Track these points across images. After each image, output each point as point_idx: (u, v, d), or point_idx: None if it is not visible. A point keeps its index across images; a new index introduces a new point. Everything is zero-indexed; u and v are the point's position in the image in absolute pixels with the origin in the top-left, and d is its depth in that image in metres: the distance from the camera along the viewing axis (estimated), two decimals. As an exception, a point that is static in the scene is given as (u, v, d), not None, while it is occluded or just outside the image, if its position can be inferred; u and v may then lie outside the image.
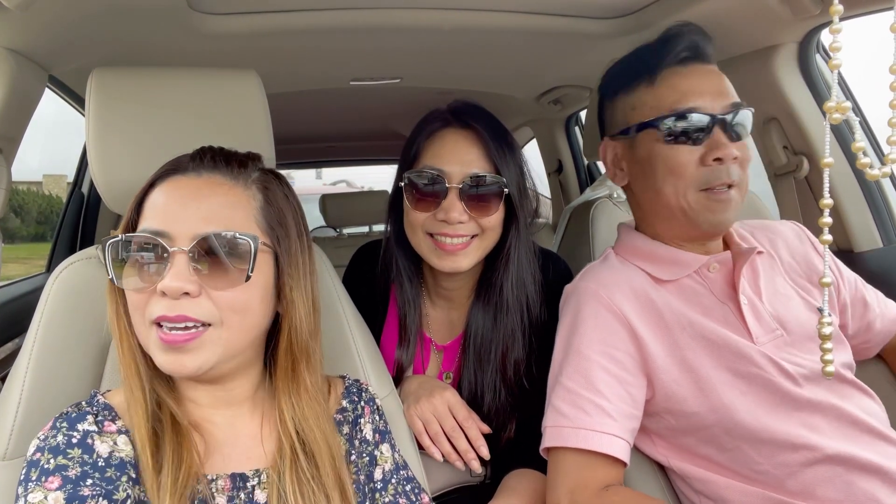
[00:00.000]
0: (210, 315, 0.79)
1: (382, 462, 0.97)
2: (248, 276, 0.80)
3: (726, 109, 1.06)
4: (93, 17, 1.23)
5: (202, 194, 0.82)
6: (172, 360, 0.78)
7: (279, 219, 0.86)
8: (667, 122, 1.08)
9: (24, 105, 1.30)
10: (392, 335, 1.35)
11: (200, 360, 0.79)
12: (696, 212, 1.08)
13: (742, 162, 1.07)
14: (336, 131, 3.54)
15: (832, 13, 0.53)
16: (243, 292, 0.81)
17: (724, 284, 1.12)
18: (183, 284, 0.76)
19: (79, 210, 2.47)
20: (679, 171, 1.08)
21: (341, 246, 3.26)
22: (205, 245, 0.78)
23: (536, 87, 2.38)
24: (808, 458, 0.97)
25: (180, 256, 0.77)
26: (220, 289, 0.79)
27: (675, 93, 1.08)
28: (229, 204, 0.82)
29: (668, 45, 1.11)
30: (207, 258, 0.78)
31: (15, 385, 0.93)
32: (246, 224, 0.82)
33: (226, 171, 0.85)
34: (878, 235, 1.60)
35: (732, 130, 1.06)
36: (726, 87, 1.09)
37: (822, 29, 1.49)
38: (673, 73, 1.10)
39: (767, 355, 1.03)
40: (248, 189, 0.85)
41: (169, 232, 0.78)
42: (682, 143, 1.07)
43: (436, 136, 1.23)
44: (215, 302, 0.79)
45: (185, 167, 0.85)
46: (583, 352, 1.07)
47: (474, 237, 1.20)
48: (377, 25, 1.49)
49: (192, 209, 0.80)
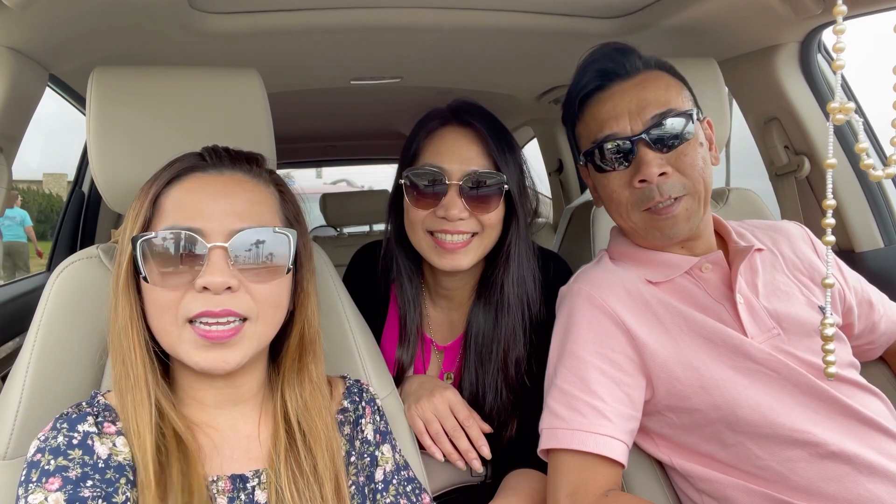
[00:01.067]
0: (249, 309, 0.80)
1: (383, 463, 0.97)
2: (290, 268, 0.84)
3: (647, 124, 1.05)
4: (93, 16, 1.23)
5: (230, 191, 0.83)
6: (214, 356, 0.79)
7: (295, 214, 0.90)
8: (591, 153, 1.11)
9: (24, 104, 1.30)
10: (392, 335, 1.35)
11: (241, 355, 0.80)
12: (645, 230, 1.10)
13: (683, 168, 1.05)
14: (336, 130, 3.54)
15: (836, 13, 0.53)
16: (280, 286, 0.84)
17: (719, 284, 1.12)
18: (227, 279, 0.77)
19: (79, 209, 2.47)
20: (614, 197, 1.11)
21: (341, 245, 3.27)
22: (241, 240, 0.79)
23: (537, 87, 2.37)
24: (811, 454, 0.97)
25: (218, 252, 0.78)
26: (261, 282, 0.81)
27: (594, 122, 1.11)
28: (256, 200, 0.85)
29: (579, 79, 1.14)
30: (246, 253, 0.80)
31: (15, 384, 0.93)
32: (272, 219, 0.85)
33: (246, 168, 0.87)
34: (878, 235, 1.60)
35: (660, 143, 1.05)
36: (649, 98, 1.07)
37: (824, 29, 1.49)
38: (593, 103, 1.12)
39: (766, 351, 1.03)
40: (268, 186, 0.88)
41: (202, 229, 0.79)
42: (612, 170, 1.10)
43: (435, 134, 1.23)
44: (254, 296, 0.80)
45: (202, 166, 0.85)
46: (577, 353, 1.07)
47: (474, 235, 1.20)
48: (378, 25, 1.48)
49: (223, 206, 0.81)
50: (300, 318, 0.90)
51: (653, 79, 1.09)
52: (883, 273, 1.53)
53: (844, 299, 1.19)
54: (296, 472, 0.84)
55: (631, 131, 1.06)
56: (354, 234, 3.60)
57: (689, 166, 1.06)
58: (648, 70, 1.11)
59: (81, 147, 2.55)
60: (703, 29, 1.46)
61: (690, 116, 1.07)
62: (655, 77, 1.10)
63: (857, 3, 1.26)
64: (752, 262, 1.15)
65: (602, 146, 1.08)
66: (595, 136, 1.10)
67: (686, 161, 1.06)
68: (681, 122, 1.06)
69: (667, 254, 1.14)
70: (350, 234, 3.59)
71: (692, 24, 1.42)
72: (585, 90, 1.12)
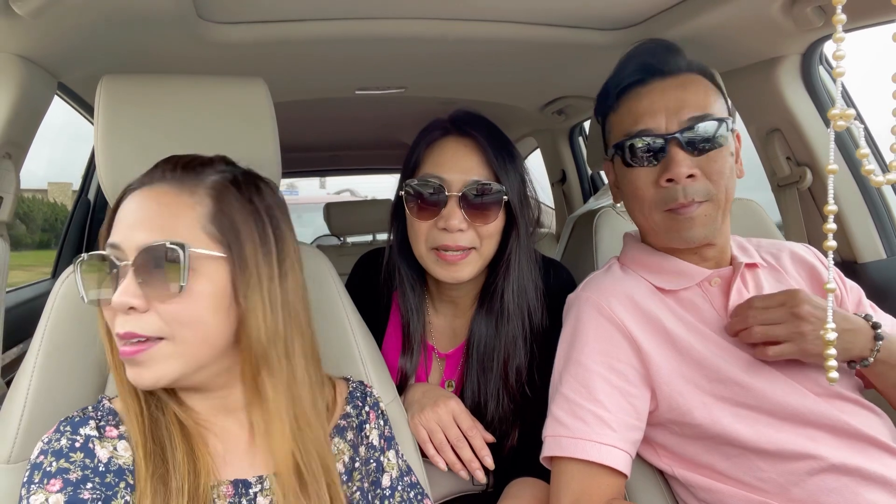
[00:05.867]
0: (157, 329, 0.76)
1: (389, 469, 0.97)
2: (181, 286, 0.76)
3: (683, 125, 1.06)
4: (102, 25, 1.24)
5: (147, 206, 0.80)
6: (133, 373, 0.78)
7: (230, 224, 0.82)
8: (622, 146, 1.10)
9: (33, 111, 1.31)
10: (393, 342, 1.35)
11: (156, 374, 0.78)
12: (662, 231, 1.10)
13: (711, 175, 1.06)
14: (341, 140, 3.55)
15: (835, 22, 0.54)
16: (187, 304, 0.77)
17: (723, 297, 1.12)
18: (128, 299, 0.74)
19: (85, 216, 2.49)
20: (638, 193, 1.10)
21: (345, 254, 3.27)
22: (144, 257, 0.76)
23: (540, 98, 2.39)
24: (812, 468, 0.96)
25: (129, 270, 0.76)
26: (163, 301, 0.76)
27: (630, 116, 1.10)
28: (170, 213, 0.79)
29: (620, 70, 1.13)
30: (149, 270, 0.76)
31: (20, 389, 0.93)
32: (189, 232, 0.79)
33: (172, 180, 0.82)
34: (881, 246, 1.60)
35: (693, 145, 1.05)
36: (688, 99, 1.07)
37: (826, 41, 1.50)
38: (630, 96, 1.11)
39: (764, 370, 1.02)
40: (193, 196, 0.81)
41: (120, 245, 0.78)
42: (641, 166, 1.09)
43: (436, 144, 1.24)
44: (161, 316, 0.76)
45: (142, 180, 0.84)
46: (583, 362, 1.07)
47: (472, 249, 1.21)
48: (383, 35, 1.50)
49: (138, 221, 0.79)
50: (243, 336, 0.81)
51: (693, 81, 1.09)
52: (885, 284, 1.53)
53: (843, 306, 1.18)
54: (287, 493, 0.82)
55: (665, 129, 1.06)
56: (358, 244, 3.61)
57: (717, 173, 1.06)
58: (690, 72, 1.11)
59: (87, 156, 2.58)
60: (705, 41, 1.47)
61: (725, 125, 1.07)
62: (696, 80, 1.10)
63: (856, 14, 1.27)
64: (757, 279, 1.15)
65: (634, 141, 1.08)
66: (628, 130, 1.09)
67: (715, 167, 1.06)
68: (715, 128, 1.06)
69: (682, 262, 1.14)
70: (353, 244, 3.60)
71: (694, 37, 1.43)
72: (625, 82, 1.12)
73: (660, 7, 1.42)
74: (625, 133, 1.10)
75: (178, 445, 0.79)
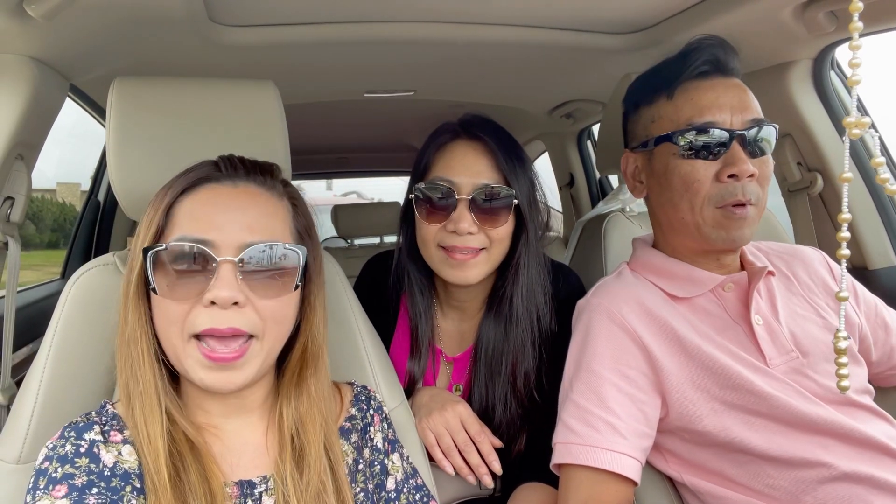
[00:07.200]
0: (255, 326, 0.79)
1: (394, 472, 0.97)
2: (297, 285, 0.82)
3: (746, 125, 1.05)
4: (115, 28, 1.25)
5: (242, 204, 0.82)
6: (219, 377, 0.78)
7: (306, 227, 0.88)
8: (684, 136, 1.06)
9: (45, 113, 1.32)
10: (401, 345, 1.35)
11: (246, 375, 0.79)
12: (711, 228, 1.07)
13: (761, 179, 1.05)
14: (349, 143, 3.56)
15: (851, 30, 0.54)
16: (286, 302, 0.82)
17: (737, 303, 1.11)
18: (234, 294, 0.76)
19: (94, 217, 2.50)
20: (695, 186, 1.06)
21: (352, 256, 3.28)
22: (253, 255, 0.78)
23: (549, 101, 2.39)
24: (823, 476, 0.96)
25: (227, 266, 0.77)
26: (269, 298, 0.79)
27: (693, 106, 1.07)
28: (268, 213, 0.83)
29: (687, 59, 1.11)
30: (254, 268, 0.78)
31: (30, 390, 0.94)
32: (283, 233, 0.84)
33: (259, 180, 0.86)
34: (892, 253, 1.59)
35: (752, 146, 1.05)
36: (749, 102, 1.07)
37: (837, 46, 1.49)
38: (692, 87, 1.09)
39: (778, 378, 1.02)
40: (281, 199, 0.87)
41: (213, 241, 0.78)
42: (699, 158, 1.06)
43: (445, 148, 1.24)
44: (260, 312, 0.79)
45: (217, 176, 0.84)
46: (594, 369, 1.06)
47: (482, 250, 1.21)
48: (392, 39, 1.50)
49: (235, 218, 0.80)
50: (304, 333, 0.89)
51: (746, 88, 1.10)
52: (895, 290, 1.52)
53: (861, 328, 1.17)
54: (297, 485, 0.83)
55: (731, 125, 1.05)
56: (365, 246, 3.62)
57: (766, 178, 1.07)
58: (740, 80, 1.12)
59: (97, 157, 2.59)
60: (716, 45, 1.46)
61: (777, 133, 1.08)
62: (746, 88, 1.10)
63: (871, 20, 1.26)
64: (769, 285, 1.14)
65: (702, 130, 1.05)
66: (691, 120, 1.07)
67: (766, 172, 1.06)
68: (773, 134, 1.07)
69: (694, 268, 1.13)
70: (361, 246, 3.61)
71: (705, 40, 1.43)
72: (696, 70, 1.10)
73: (670, 11, 1.42)
74: (686, 122, 1.07)
75: (191, 466, 0.78)
